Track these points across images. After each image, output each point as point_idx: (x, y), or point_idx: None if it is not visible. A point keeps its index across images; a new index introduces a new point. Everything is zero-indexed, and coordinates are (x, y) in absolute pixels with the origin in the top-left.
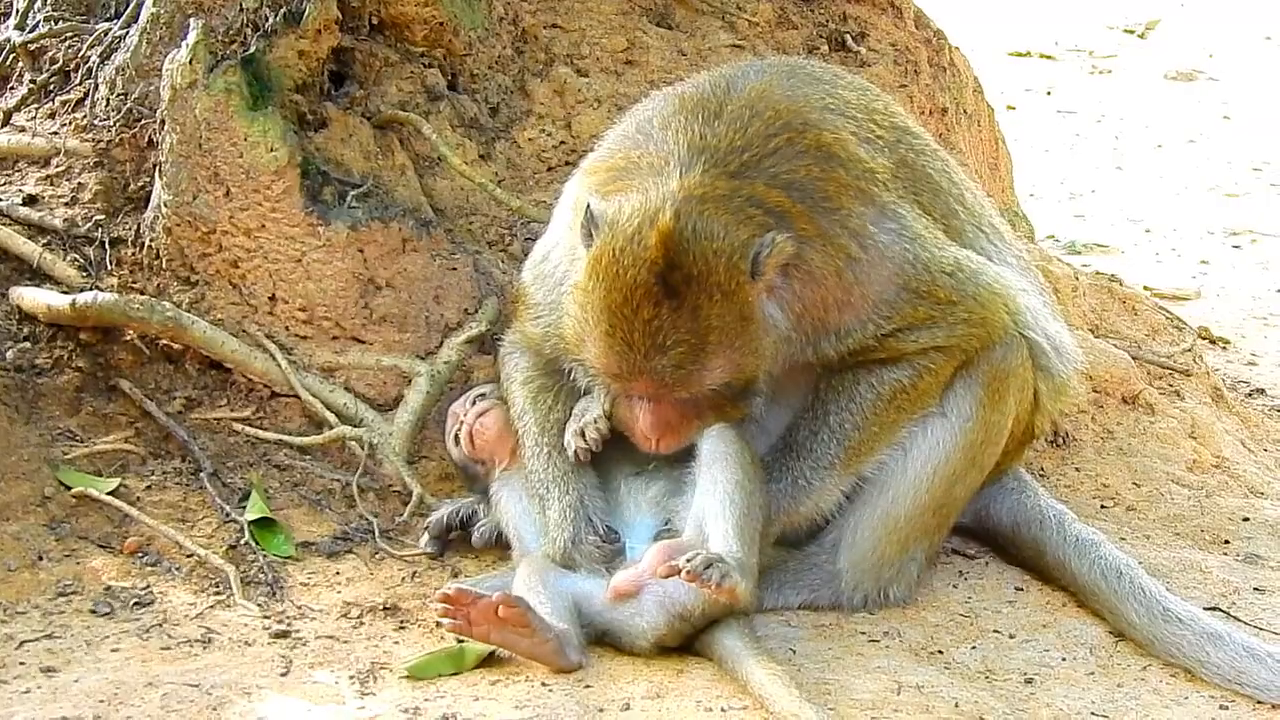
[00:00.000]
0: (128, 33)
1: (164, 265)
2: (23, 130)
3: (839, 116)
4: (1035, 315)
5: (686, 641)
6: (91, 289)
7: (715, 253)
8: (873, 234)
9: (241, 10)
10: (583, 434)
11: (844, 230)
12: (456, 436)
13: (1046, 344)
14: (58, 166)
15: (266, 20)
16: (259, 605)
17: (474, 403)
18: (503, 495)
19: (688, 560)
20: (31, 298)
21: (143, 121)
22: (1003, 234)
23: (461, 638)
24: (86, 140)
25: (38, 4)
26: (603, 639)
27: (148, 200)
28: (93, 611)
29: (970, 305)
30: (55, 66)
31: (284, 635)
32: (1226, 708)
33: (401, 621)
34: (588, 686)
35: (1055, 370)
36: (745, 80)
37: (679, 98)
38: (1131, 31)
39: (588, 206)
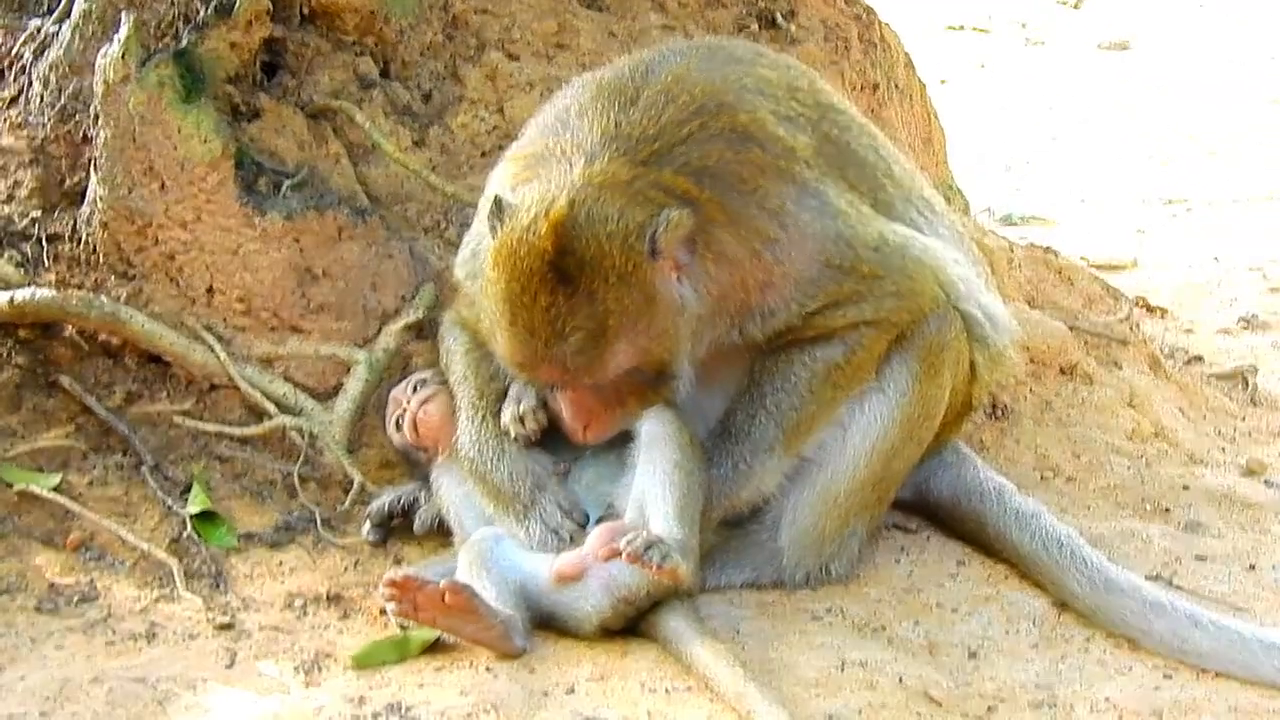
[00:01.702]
0: (60, 29)
1: (101, 260)
2: None
3: (758, 95)
4: (968, 286)
5: (630, 624)
6: (29, 285)
7: (609, 235)
8: (792, 213)
9: (173, 4)
10: (521, 420)
11: (761, 211)
12: (398, 422)
13: (981, 315)
14: None
15: (198, 13)
16: (203, 598)
17: (415, 388)
18: (443, 481)
19: (628, 542)
20: None
21: (77, 117)
22: (934, 206)
23: (407, 623)
24: (21, 137)
25: None
26: (548, 623)
27: (84, 195)
28: (37, 608)
29: (898, 279)
30: None
31: (228, 627)
32: (1170, 676)
33: (345, 611)
34: (532, 671)
35: (990, 341)
36: (664, 64)
37: (597, 84)
38: (1065, 3)
39: (495, 198)
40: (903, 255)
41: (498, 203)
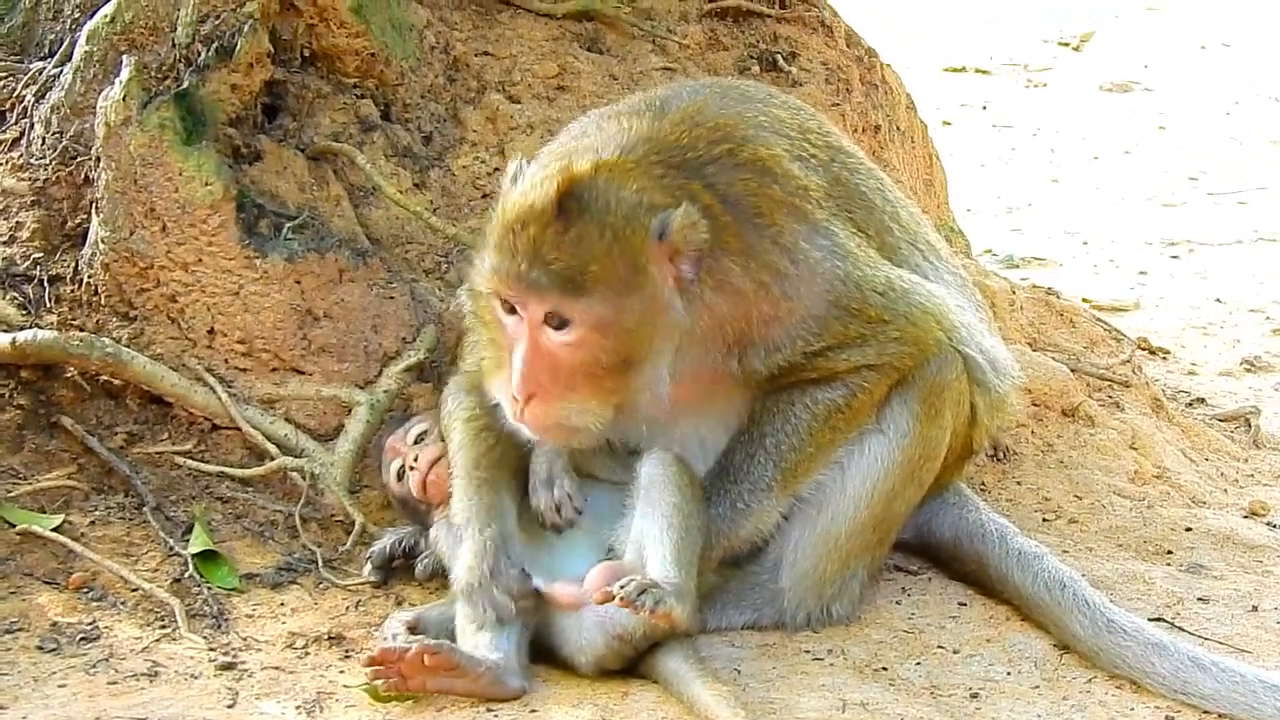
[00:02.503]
0: (61, 71)
1: (103, 301)
2: None
3: (773, 134)
4: (970, 331)
5: (628, 664)
6: (31, 327)
7: (620, 199)
8: (804, 250)
9: (174, 46)
10: (558, 509)
11: (774, 246)
12: (399, 473)
13: (982, 359)
14: None
15: (199, 55)
16: (204, 638)
17: (416, 440)
18: (442, 535)
19: (621, 586)
20: None
21: (79, 159)
22: (938, 251)
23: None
24: (23, 179)
25: None
26: (550, 657)
27: (85, 237)
28: (39, 648)
29: (902, 324)
30: None
31: (230, 667)
32: (1172, 718)
33: (347, 651)
34: (533, 711)
35: (992, 385)
36: (680, 99)
37: (615, 110)
38: (1066, 44)
39: (519, 162)
40: (907, 300)
41: (517, 166)
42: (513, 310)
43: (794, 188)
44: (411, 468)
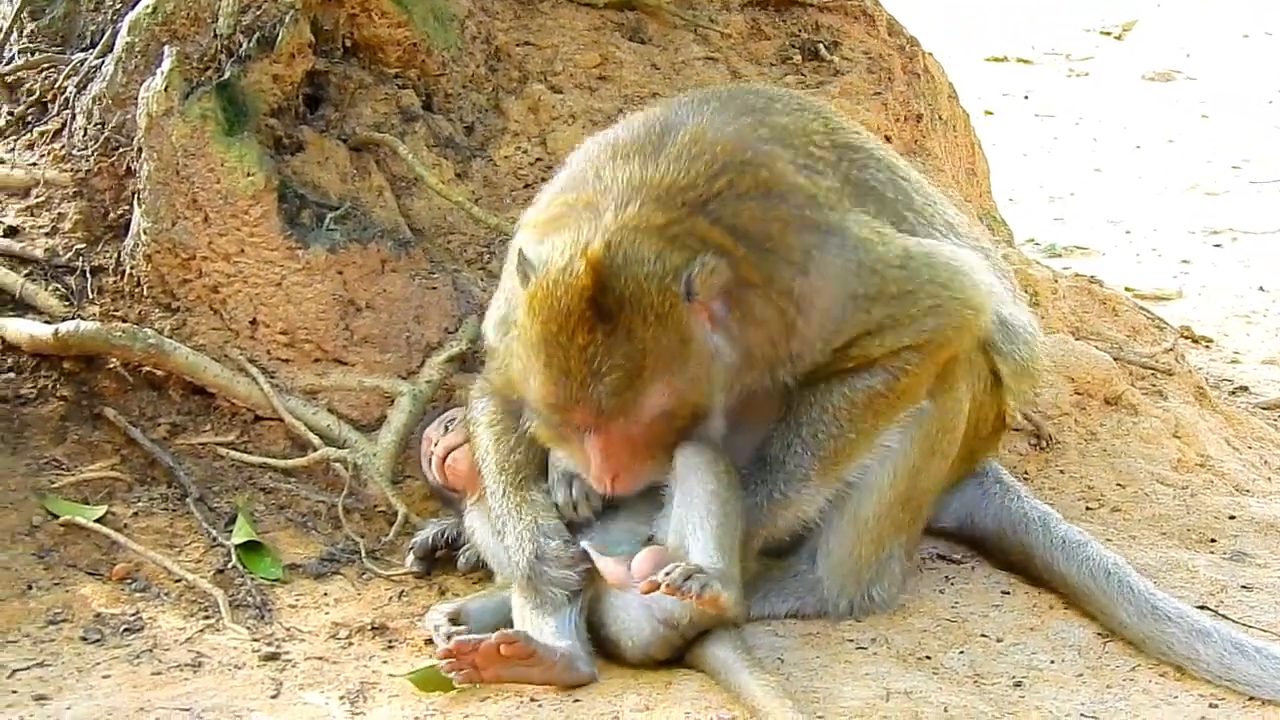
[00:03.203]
0: (103, 62)
1: (145, 292)
2: (2, 162)
3: (775, 145)
4: (995, 296)
5: (676, 654)
6: (74, 318)
7: (647, 275)
8: (816, 259)
9: (215, 36)
10: (575, 507)
11: (788, 266)
12: (431, 461)
13: (1002, 325)
14: (37, 197)
15: (240, 46)
16: (248, 628)
17: (446, 429)
18: (476, 525)
19: (666, 574)
20: (15, 328)
21: (121, 150)
22: (956, 228)
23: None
24: (65, 170)
25: (14, 36)
26: (600, 646)
27: (127, 228)
28: (83, 639)
29: (931, 290)
30: (32, 98)
31: (273, 657)
32: (1216, 705)
33: (390, 641)
34: (577, 700)
35: (1014, 352)
36: (679, 122)
37: (612, 145)
38: (1108, 33)
39: (520, 250)
40: (931, 266)
41: (523, 256)
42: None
43: (801, 200)
44: (431, 453)
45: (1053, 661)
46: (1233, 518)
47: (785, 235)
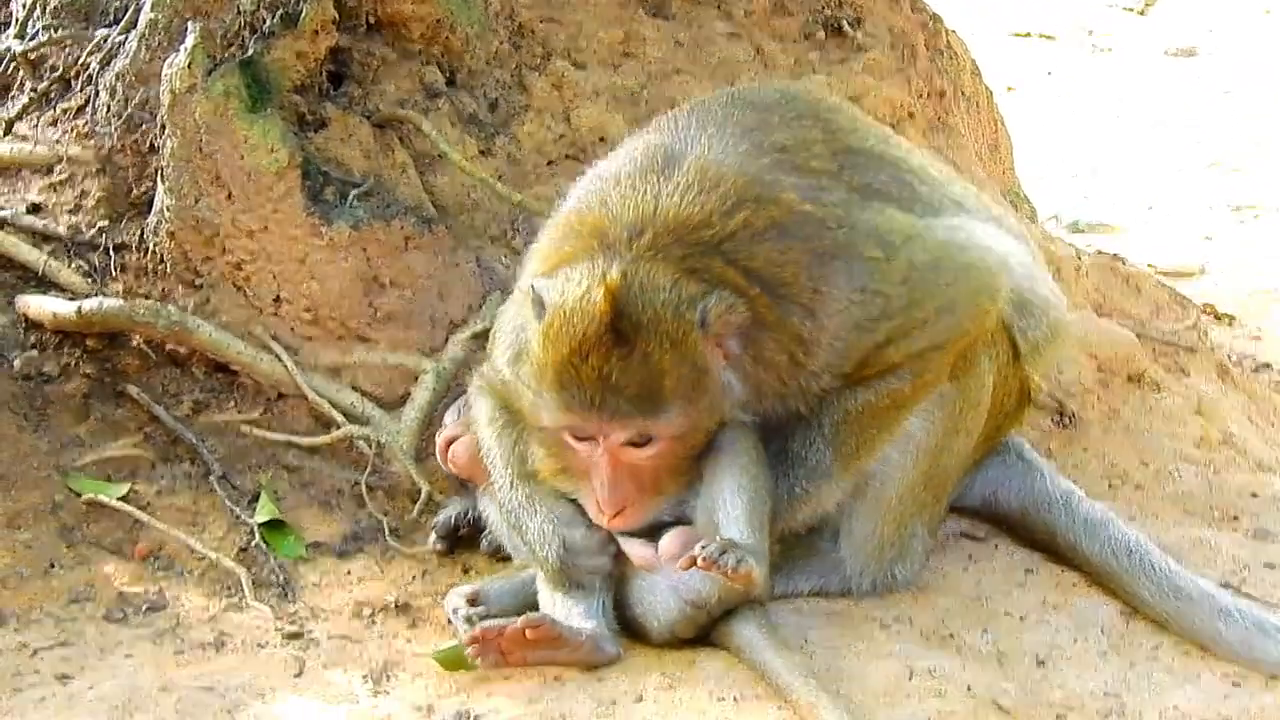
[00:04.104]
0: (126, 39)
1: (168, 269)
2: (25, 139)
3: (778, 171)
4: (1020, 271)
5: (701, 632)
6: (97, 295)
7: (664, 303)
8: (823, 296)
9: (239, 13)
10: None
11: (800, 310)
12: None
13: (1020, 304)
14: (60, 174)
15: (264, 22)
16: (271, 607)
17: (460, 414)
18: (490, 510)
19: (702, 547)
20: (38, 305)
21: (144, 127)
22: (964, 204)
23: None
24: (88, 147)
25: (37, 13)
26: (624, 626)
27: (150, 205)
28: (106, 618)
29: (939, 293)
30: (55, 74)
31: (297, 636)
32: (1239, 684)
33: (413, 620)
34: (600, 680)
35: (1029, 329)
36: (681, 150)
37: (615, 176)
38: (1131, 9)
39: (531, 287)
40: (936, 269)
41: (534, 290)
42: (586, 437)
43: (810, 231)
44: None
45: (1076, 640)
46: (1255, 495)
47: (800, 277)
